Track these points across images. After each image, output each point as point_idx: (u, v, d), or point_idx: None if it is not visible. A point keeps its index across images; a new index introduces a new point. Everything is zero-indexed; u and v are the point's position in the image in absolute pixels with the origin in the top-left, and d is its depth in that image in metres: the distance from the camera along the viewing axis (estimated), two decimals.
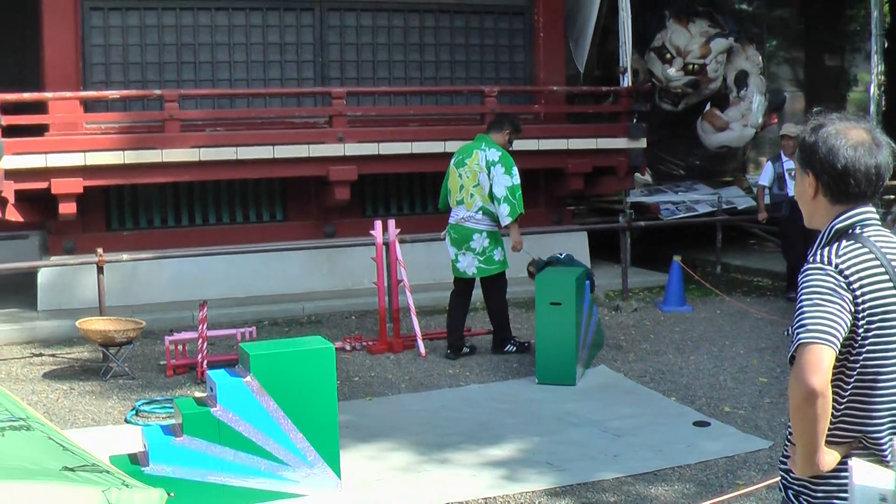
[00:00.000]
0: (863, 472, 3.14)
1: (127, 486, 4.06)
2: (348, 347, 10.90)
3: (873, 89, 15.51)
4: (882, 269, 3.26)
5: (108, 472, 4.21)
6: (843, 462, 3.29)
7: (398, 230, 11.24)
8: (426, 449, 7.74)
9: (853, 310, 3.20)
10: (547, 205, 15.45)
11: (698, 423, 8.24)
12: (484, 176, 10.36)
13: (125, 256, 11.69)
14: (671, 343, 11.07)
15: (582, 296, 9.83)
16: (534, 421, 8.42)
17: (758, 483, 6.72)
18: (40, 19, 13.11)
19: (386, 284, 11.15)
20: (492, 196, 10.31)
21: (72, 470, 4.05)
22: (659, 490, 6.85)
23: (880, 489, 3.10)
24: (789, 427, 3.32)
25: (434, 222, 14.36)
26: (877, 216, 3.38)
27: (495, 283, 10.67)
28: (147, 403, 8.84)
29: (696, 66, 17.08)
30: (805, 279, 3.25)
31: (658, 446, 7.70)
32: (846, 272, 3.22)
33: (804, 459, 3.22)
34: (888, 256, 3.29)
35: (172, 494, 4.33)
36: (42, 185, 12.15)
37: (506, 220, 10.31)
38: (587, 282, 10.16)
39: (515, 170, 10.40)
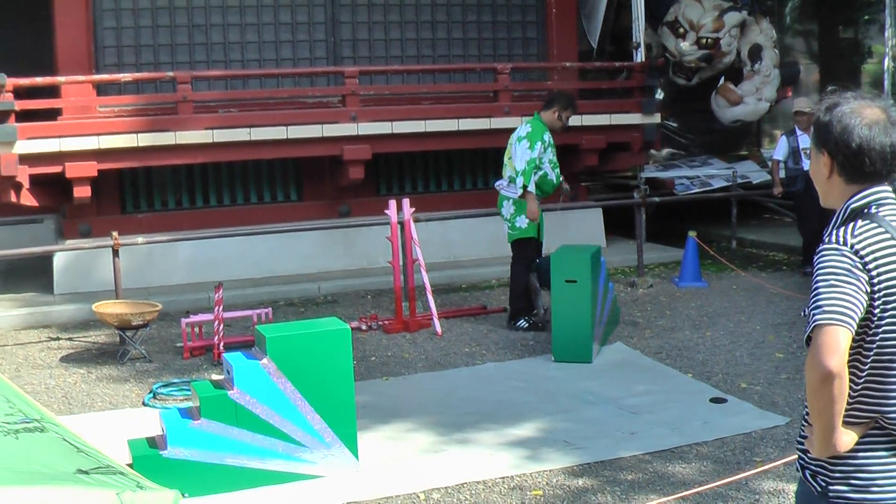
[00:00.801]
0: None
1: (141, 487, 4.07)
2: (364, 327, 10.91)
3: (887, 61, 15.42)
4: None
5: (122, 473, 4.22)
6: (860, 442, 3.29)
7: (413, 209, 11.23)
8: (444, 429, 7.75)
9: (869, 290, 3.18)
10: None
11: (715, 400, 8.23)
12: (513, 149, 10.71)
13: (140, 239, 11.72)
14: (687, 319, 11.06)
15: (597, 273, 9.82)
16: (551, 399, 8.42)
17: (775, 460, 6.72)
18: (52, 3, 13.10)
19: (401, 263, 11.16)
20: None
21: (86, 472, 4.06)
22: (677, 468, 6.85)
23: None
24: (807, 407, 3.31)
25: (448, 200, 14.40)
26: (893, 195, 3.36)
27: (521, 252, 10.84)
28: (164, 386, 8.87)
29: (709, 40, 17.02)
30: (820, 260, 3.24)
31: (675, 423, 7.69)
32: (862, 252, 3.20)
33: (821, 440, 3.22)
34: None
35: (187, 496, 4.34)
36: (56, 169, 12.18)
37: (518, 192, 10.57)
38: (602, 259, 10.15)
39: (540, 146, 10.60)
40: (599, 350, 9.82)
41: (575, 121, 14.05)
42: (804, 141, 12.93)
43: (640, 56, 15.05)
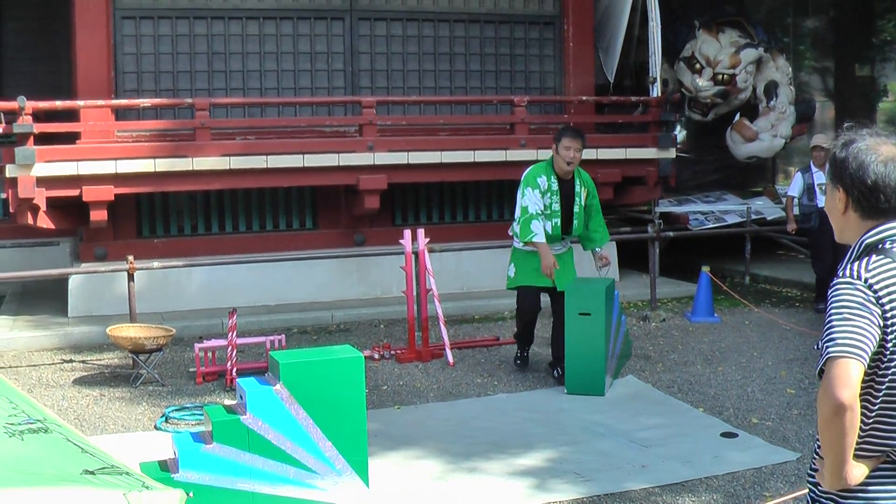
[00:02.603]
0: None
1: (147, 487, 4.05)
2: (377, 356, 10.92)
3: None
4: None
5: (127, 473, 4.20)
6: (870, 476, 3.30)
7: (427, 239, 11.26)
8: (454, 458, 7.76)
9: (882, 324, 3.20)
10: None
11: (726, 435, 8.22)
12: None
13: (156, 264, 11.76)
14: (699, 354, 11.05)
15: (611, 306, 9.83)
16: (562, 431, 8.42)
17: (785, 495, 6.71)
18: (73, 28, 13.22)
19: (415, 293, 11.18)
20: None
21: (92, 473, 4.04)
22: (686, 501, 6.84)
23: None
24: (818, 440, 3.33)
25: (463, 231, 14.44)
26: None
27: (517, 298, 10.25)
28: (177, 410, 8.88)
29: (725, 76, 17.08)
30: (834, 293, 3.26)
31: (686, 457, 7.69)
32: (875, 287, 3.22)
33: (832, 473, 3.23)
34: None
35: (191, 494, 4.32)
36: (73, 192, 12.25)
37: (518, 242, 10.03)
38: (616, 293, 10.16)
39: (531, 192, 9.83)
40: (612, 383, 9.82)
41: (590, 154, 14.13)
42: (819, 178, 12.95)
43: (656, 91, 15.10)
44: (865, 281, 3.24)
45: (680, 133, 17.30)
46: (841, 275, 3.30)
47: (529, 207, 9.77)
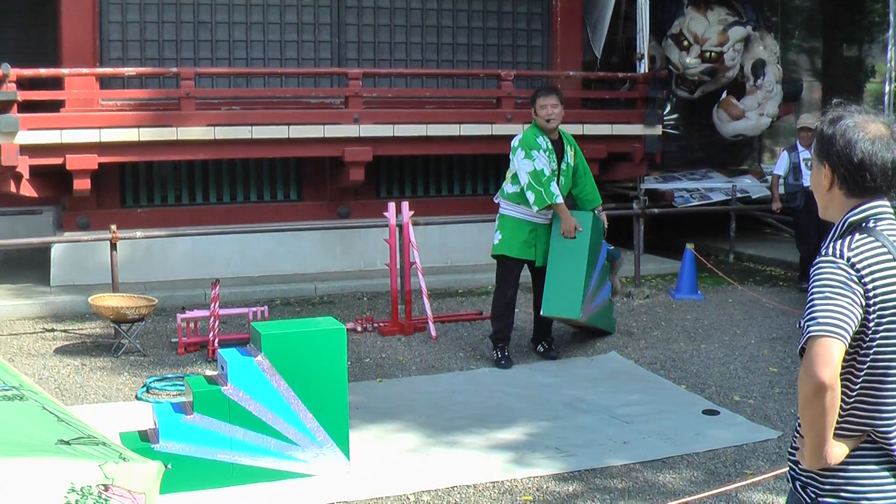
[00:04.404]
0: None
1: (124, 458, 4.00)
2: (359, 328, 10.91)
3: (889, 79, 15.45)
4: (894, 264, 3.26)
5: (104, 444, 4.15)
6: (851, 455, 3.30)
7: (412, 212, 11.24)
8: (435, 431, 7.76)
9: (864, 303, 3.20)
10: None
11: (708, 412, 8.24)
12: (512, 158, 9.81)
13: (139, 233, 11.71)
14: (682, 331, 11.06)
15: (598, 238, 9.81)
16: (543, 406, 8.43)
17: (766, 473, 6.73)
18: None
19: (398, 266, 11.16)
20: (515, 179, 9.78)
21: (67, 443, 3.99)
22: (667, 477, 6.85)
23: None
24: (799, 419, 3.32)
25: (448, 205, 14.42)
26: (891, 210, 3.37)
27: (498, 268, 10.03)
28: (158, 381, 8.87)
29: (713, 54, 17.06)
30: (817, 272, 3.25)
31: (667, 434, 7.70)
32: (858, 266, 3.21)
33: (812, 452, 3.23)
34: None
35: (169, 466, 4.28)
36: (57, 160, 12.17)
37: (533, 209, 9.59)
38: (605, 243, 10.09)
39: (538, 153, 9.56)
40: (590, 318, 9.86)
41: (576, 129, 14.09)
42: (805, 155, 12.94)
43: (643, 67, 15.07)
44: (848, 260, 3.23)
45: (667, 110, 17.24)
46: (823, 253, 3.29)
47: (545, 170, 9.50)
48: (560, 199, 9.57)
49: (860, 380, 3.26)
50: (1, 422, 4.06)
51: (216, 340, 9.78)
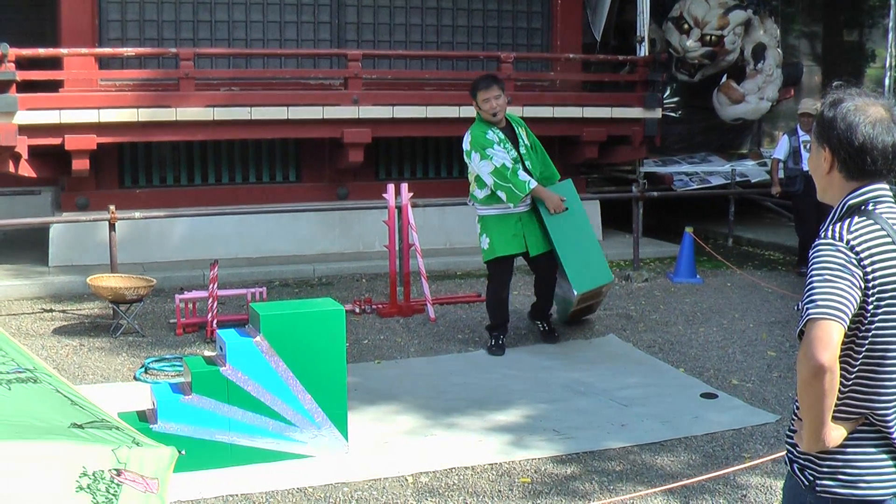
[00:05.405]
0: None
1: (137, 444, 3.98)
2: (358, 310, 10.91)
3: (889, 64, 15.43)
4: (893, 247, 3.25)
5: (117, 428, 4.12)
6: (849, 438, 3.30)
7: (411, 194, 11.23)
8: (434, 413, 7.76)
9: (863, 286, 3.19)
10: (561, 173, 15.38)
11: (706, 395, 8.25)
12: (468, 161, 9.52)
13: (137, 214, 11.70)
14: (681, 314, 11.07)
15: (578, 205, 9.71)
16: (541, 388, 8.43)
17: (764, 456, 6.74)
18: None
19: (397, 248, 11.16)
20: (480, 182, 9.43)
21: (80, 427, 3.96)
22: (665, 460, 6.86)
23: None
24: (797, 401, 3.32)
25: (447, 187, 14.39)
26: (890, 193, 3.37)
27: (490, 271, 9.81)
28: (156, 361, 8.87)
29: (713, 38, 17.04)
30: (816, 255, 3.24)
31: (665, 417, 7.70)
32: (857, 248, 3.21)
33: (810, 434, 3.23)
34: None
35: (183, 452, 4.26)
36: (56, 140, 12.15)
37: (510, 205, 9.34)
38: (573, 190, 9.86)
39: (492, 150, 9.24)
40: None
41: (576, 112, 14.07)
42: (805, 140, 12.92)
43: (643, 50, 15.05)
44: (847, 243, 3.22)
45: (667, 93, 17.22)
46: (823, 236, 3.28)
47: (506, 163, 9.20)
48: (533, 184, 9.29)
49: (858, 362, 3.26)
50: (14, 405, 4.02)
51: (215, 321, 9.78)
